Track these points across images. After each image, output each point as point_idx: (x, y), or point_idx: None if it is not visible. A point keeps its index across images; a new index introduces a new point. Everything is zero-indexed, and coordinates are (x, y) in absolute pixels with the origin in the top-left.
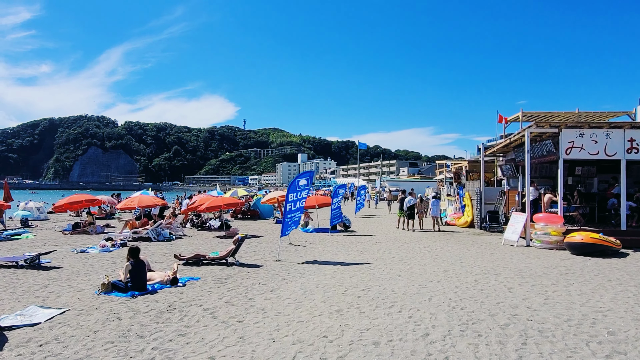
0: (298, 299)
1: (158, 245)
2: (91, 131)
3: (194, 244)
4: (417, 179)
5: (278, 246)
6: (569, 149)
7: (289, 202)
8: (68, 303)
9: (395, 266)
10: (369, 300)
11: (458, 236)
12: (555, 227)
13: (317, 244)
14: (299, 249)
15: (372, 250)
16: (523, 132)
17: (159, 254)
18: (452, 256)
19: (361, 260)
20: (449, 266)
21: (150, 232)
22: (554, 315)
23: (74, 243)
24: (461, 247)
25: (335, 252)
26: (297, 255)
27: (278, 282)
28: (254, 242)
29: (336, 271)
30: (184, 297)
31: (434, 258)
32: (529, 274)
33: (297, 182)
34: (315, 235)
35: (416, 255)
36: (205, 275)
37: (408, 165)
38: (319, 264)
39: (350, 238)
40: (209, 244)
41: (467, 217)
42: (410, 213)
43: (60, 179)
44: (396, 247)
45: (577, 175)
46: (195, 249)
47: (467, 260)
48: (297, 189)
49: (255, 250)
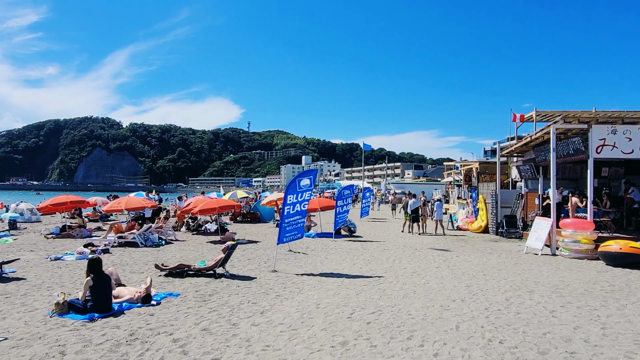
0: (293, 324)
1: (143, 252)
2: (96, 133)
3: (185, 250)
4: (422, 182)
5: (274, 255)
6: (599, 147)
7: (287, 205)
8: (10, 328)
9: (409, 279)
10: (381, 327)
11: (473, 243)
12: (585, 234)
13: (319, 251)
14: (299, 257)
15: (380, 260)
16: (547, 129)
17: (142, 262)
18: (472, 267)
19: (369, 272)
20: (470, 280)
21: (137, 237)
22: (623, 354)
23: (53, 249)
24: (479, 255)
25: (339, 262)
26: (296, 265)
27: (271, 301)
28: (250, 249)
29: (340, 286)
30: (154, 322)
31: (451, 269)
32: (567, 291)
33: (298, 181)
34: (317, 241)
35: (430, 266)
36: (187, 290)
37: (413, 168)
38: (321, 276)
39: (356, 244)
40: (200, 250)
41: (481, 222)
42: (414, 216)
43: (65, 180)
44: (407, 255)
45: (604, 177)
46: (185, 256)
47: (490, 272)
48: (297, 190)
49: (250, 259)
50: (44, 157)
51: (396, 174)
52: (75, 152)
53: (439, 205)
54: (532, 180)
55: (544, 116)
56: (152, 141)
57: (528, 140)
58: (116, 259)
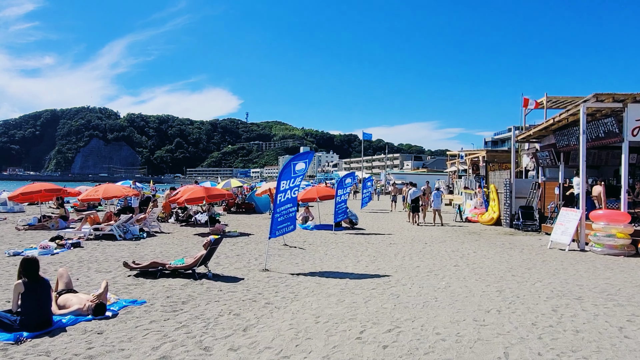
0: (285, 348)
1: (120, 246)
2: (93, 123)
3: (167, 243)
4: (424, 172)
5: (265, 252)
6: (636, 129)
7: (280, 192)
8: None
9: (425, 281)
10: (403, 355)
11: (487, 236)
12: (620, 228)
13: (318, 246)
14: (295, 253)
15: (387, 255)
16: (574, 109)
17: (114, 259)
18: (495, 265)
19: (376, 271)
20: (499, 282)
21: (114, 229)
22: None
23: (19, 242)
24: (498, 251)
25: (341, 258)
26: (291, 263)
27: (258, 311)
28: (241, 242)
29: (344, 290)
30: (98, 344)
31: (472, 268)
32: (624, 298)
33: (293, 165)
34: (315, 234)
35: (447, 264)
36: (156, 295)
37: (412, 159)
38: (320, 276)
39: (359, 238)
40: (185, 243)
41: (492, 213)
42: (414, 206)
43: (62, 171)
44: (417, 250)
45: (632, 165)
46: (165, 250)
47: (518, 271)
48: (292, 175)
49: (240, 254)
50: (40, 147)
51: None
52: (72, 142)
53: (437, 195)
54: (551, 168)
55: (555, 102)
56: (150, 132)
57: (550, 123)
58: (86, 254)
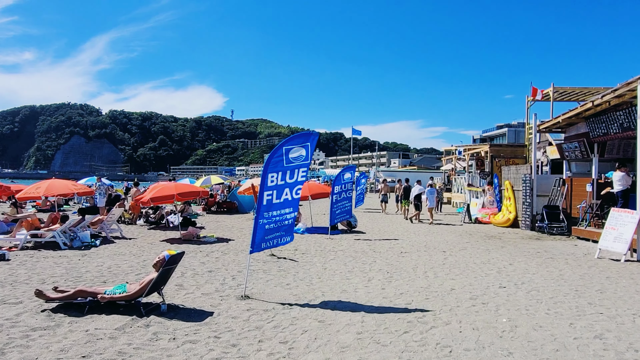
0: None
1: (58, 259)
2: (74, 120)
3: (124, 254)
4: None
5: (246, 271)
6: None
7: (267, 189)
8: None
9: (475, 316)
10: None
11: (511, 241)
12: None
13: (314, 256)
14: (285, 267)
15: (404, 270)
16: (624, 88)
17: (38, 279)
18: (550, 284)
19: (399, 298)
20: (578, 315)
21: (57, 235)
22: None
23: None
24: (539, 262)
25: (345, 274)
26: (280, 283)
27: None
28: (217, 252)
29: (362, 335)
30: None
31: (525, 290)
32: None
33: (286, 151)
34: (309, 239)
35: (487, 282)
36: (68, 351)
37: (400, 157)
38: (323, 307)
39: (361, 244)
40: (146, 254)
41: (507, 214)
42: (417, 204)
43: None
44: (438, 262)
45: None
46: (117, 265)
47: (590, 295)
48: (285, 165)
49: (213, 270)
50: (19, 145)
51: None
52: (52, 140)
53: (431, 192)
54: (579, 161)
55: (562, 93)
56: (133, 129)
57: (585, 108)
58: (4, 272)
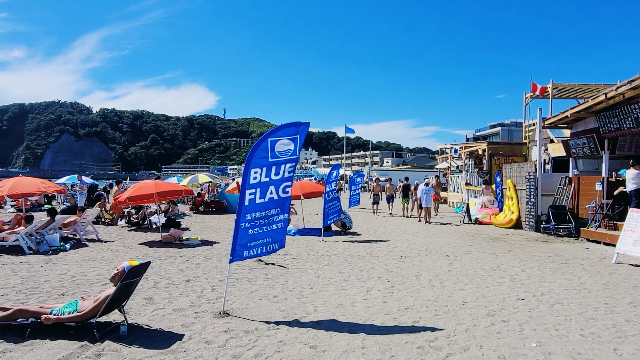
0: None
1: (18, 265)
2: (64, 118)
3: (94, 260)
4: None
5: (225, 283)
6: None
7: (249, 188)
8: None
9: (496, 339)
10: None
11: (517, 243)
12: None
13: (305, 261)
14: (273, 275)
15: (407, 278)
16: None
17: None
18: (574, 296)
19: (404, 314)
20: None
21: (21, 239)
22: None
23: None
24: (553, 268)
25: (341, 284)
26: (266, 296)
27: None
28: (200, 256)
29: None
30: None
31: (548, 303)
32: None
33: (272, 144)
34: (300, 242)
35: (502, 294)
36: None
37: (393, 156)
38: (315, 326)
39: (356, 247)
40: (119, 259)
41: (510, 214)
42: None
43: (31, 167)
44: (443, 268)
45: None
46: (82, 273)
47: (622, 309)
48: (270, 160)
49: (191, 279)
50: (7, 143)
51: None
52: (41, 138)
53: (426, 191)
54: (588, 158)
55: (561, 90)
56: (124, 127)
57: (597, 101)
58: None
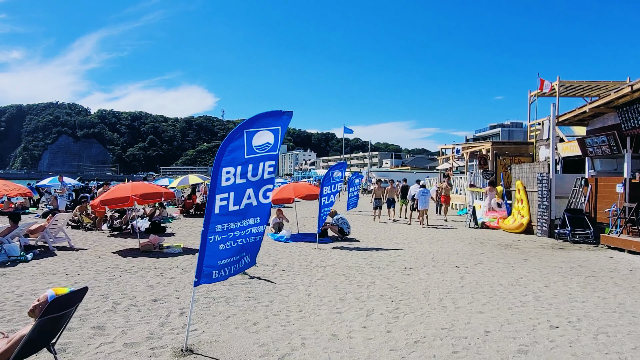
0: None
1: None
2: (62, 119)
3: (56, 273)
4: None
5: (189, 312)
6: None
7: (221, 192)
8: None
9: None
10: None
11: (531, 251)
12: None
13: (297, 274)
14: (256, 293)
15: (413, 296)
16: None
17: None
18: (617, 322)
19: (414, 350)
20: None
21: None
22: None
23: None
24: (579, 282)
25: (335, 304)
26: (244, 322)
27: None
28: (178, 268)
29: None
30: None
31: (590, 334)
32: None
33: (249, 137)
34: (292, 250)
35: (530, 319)
36: None
37: (392, 157)
38: None
39: (355, 256)
40: (81, 274)
41: (520, 218)
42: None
43: (29, 169)
44: (455, 283)
45: None
46: (33, 290)
47: None
48: (245, 157)
49: (158, 299)
50: (5, 145)
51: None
52: (39, 139)
53: (423, 193)
54: (606, 158)
55: (568, 87)
56: (122, 129)
57: (622, 94)
58: None
